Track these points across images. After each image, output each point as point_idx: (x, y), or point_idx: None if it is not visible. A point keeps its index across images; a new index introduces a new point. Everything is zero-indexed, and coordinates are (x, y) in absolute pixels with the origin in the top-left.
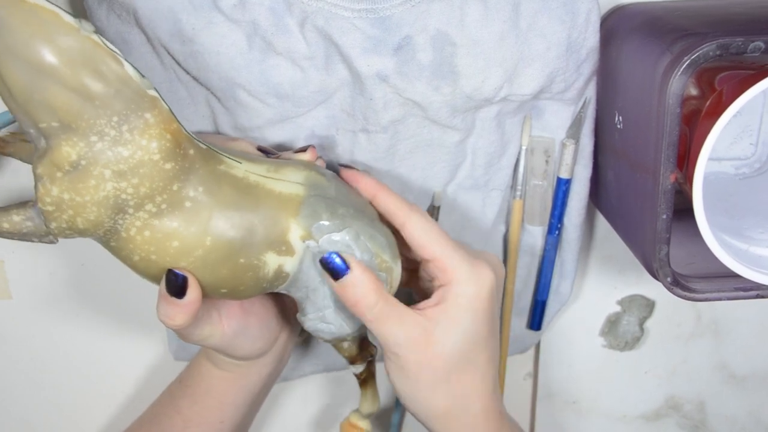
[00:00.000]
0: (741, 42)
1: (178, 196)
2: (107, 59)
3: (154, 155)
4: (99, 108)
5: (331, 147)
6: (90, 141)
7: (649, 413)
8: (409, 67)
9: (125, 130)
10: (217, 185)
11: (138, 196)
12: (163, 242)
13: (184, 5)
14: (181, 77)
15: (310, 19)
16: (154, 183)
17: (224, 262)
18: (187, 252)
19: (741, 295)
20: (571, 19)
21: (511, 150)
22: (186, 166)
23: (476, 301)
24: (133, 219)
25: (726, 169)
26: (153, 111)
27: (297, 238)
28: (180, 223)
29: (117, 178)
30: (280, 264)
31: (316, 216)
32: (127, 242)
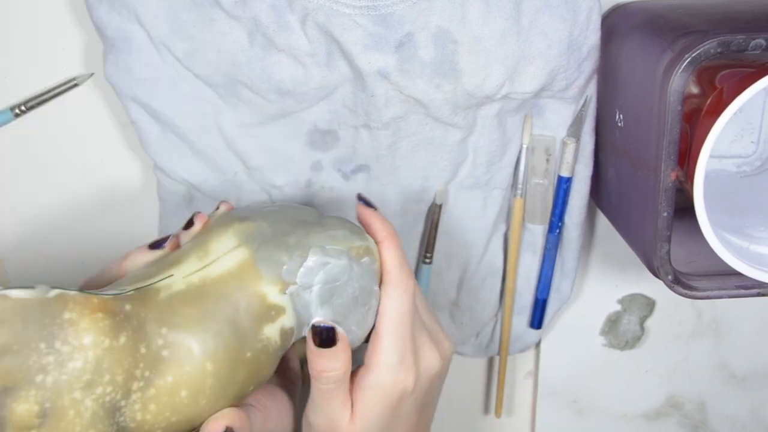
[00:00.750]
0: (742, 40)
1: (152, 355)
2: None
3: (103, 343)
4: (21, 350)
5: (333, 142)
6: (37, 383)
7: (649, 412)
8: (411, 64)
9: (60, 345)
10: (173, 314)
11: (119, 386)
12: (172, 402)
13: (185, 3)
14: (183, 74)
15: (312, 16)
16: (124, 363)
17: (236, 369)
18: (200, 390)
19: (742, 293)
20: (572, 17)
21: (512, 148)
22: (135, 324)
23: (389, 398)
24: (131, 406)
25: (727, 167)
26: (68, 307)
27: (277, 295)
28: (173, 374)
29: (89, 390)
30: (280, 328)
31: (276, 264)
32: (142, 426)
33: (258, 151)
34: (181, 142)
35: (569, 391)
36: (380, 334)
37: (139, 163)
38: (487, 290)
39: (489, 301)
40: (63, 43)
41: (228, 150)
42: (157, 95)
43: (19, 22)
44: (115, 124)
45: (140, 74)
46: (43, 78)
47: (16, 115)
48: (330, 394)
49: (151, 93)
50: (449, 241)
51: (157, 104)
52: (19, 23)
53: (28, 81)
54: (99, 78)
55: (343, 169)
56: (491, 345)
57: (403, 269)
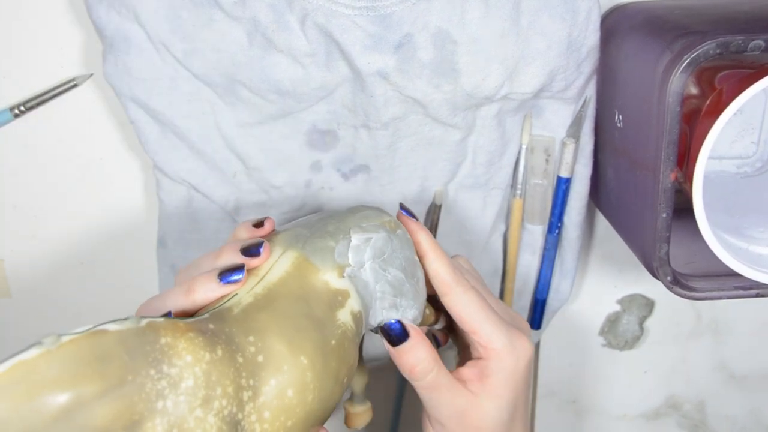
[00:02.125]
0: (741, 40)
1: (250, 363)
2: (92, 342)
3: (204, 357)
4: (135, 380)
5: (332, 142)
6: (159, 409)
7: (648, 412)
8: (410, 64)
9: (167, 369)
10: (252, 323)
11: (232, 397)
12: (282, 404)
13: (184, 2)
14: (182, 74)
15: (311, 17)
16: (229, 374)
17: (328, 358)
18: (303, 386)
19: (741, 294)
20: (571, 18)
21: (511, 149)
22: (224, 338)
23: (516, 374)
24: (248, 418)
25: (727, 168)
26: (160, 333)
27: (337, 280)
28: (275, 377)
29: (207, 406)
30: (350, 311)
31: (327, 251)
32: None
33: (257, 151)
34: (181, 142)
35: (568, 391)
36: (475, 329)
37: (139, 163)
38: None
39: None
40: (62, 43)
41: (227, 150)
42: (157, 95)
43: (19, 22)
44: (114, 124)
45: (139, 74)
46: (42, 78)
47: (16, 116)
48: (433, 386)
49: (150, 93)
50: (449, 241)
51: (156, 104)
52: (19, 23)
53: (28, 81)
54: (98, 78)
55: (342, 169)
56: None
57: (456, 273)
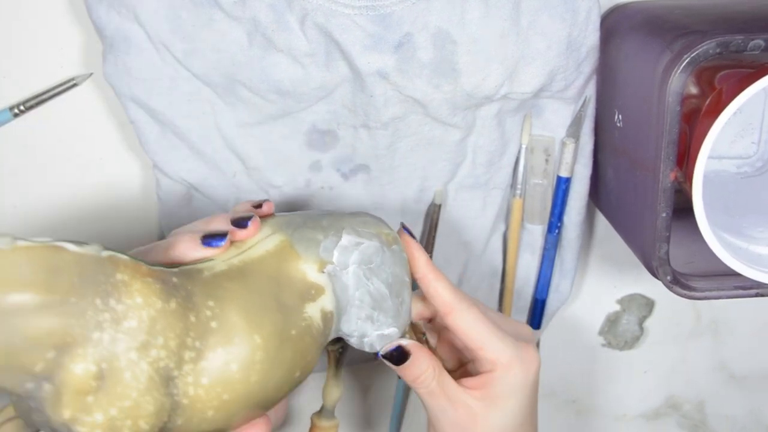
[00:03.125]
0: (741, 40)
1: (202, 325)
2: (47, 254)
3: (156, 304)
4: (78, 303)
5: (332, 142)
6: (94, 339)
7: (648, 412)
8: (410, 64)
9: (114, 304)
10: (218, 289)
11: (173, 352)
12: (223, 376)
13: (184, 2)
14: (182, 74)
15: (311, 16)
16: (176, 329)
17: (283, 345)
18: (250, 365)
19: (741, 293)
20: (571, 18)
21: (511, 149)
22: (183, 294)
23: (524, 387)
24: (183, 378)
25: (727, 168)
26: (118, 268)
27: (316, 274)
28: (223, 346)
29: (144, 352)
30: (321, 309)
31: (313, 243)
32: (195, 403)
33: (257, 151)
34: (181, 142)
35: (568, 391)
36: (481, 345)
37: (139, 163)
38: (486, 290)
39: (488, 301)
40: (62, 42)
41: (227, 150)
42: (156, 95)
43: (18, 22)
44: (114, 123)
45: (139, 74)
46: (42, 78)
47: (15, 115)
48: (437, 393)
49: (150, 93)
50: (448, 241)
51: (156, 104)
52: (18, 23)
53: (27, 81)
54: (98, 78)
55: (342, 169)
56: None
57: (457, 292)
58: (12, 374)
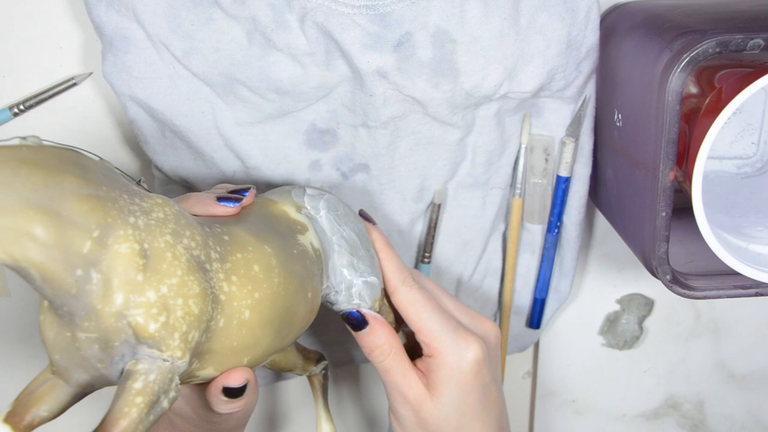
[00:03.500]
0: (740, 39)
1: (216, 236)
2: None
3: (174, 206)
4: (110, 191)
5: (332, 141)
6: (131, 223)
7: (648, 412)
8: (409, 63)
9: (138, 200)
10: (218, 221)
11: (200, 245)
12: (249, 275)
13: (183, 1)
14: (181, 73)
15: (310, 15)
16: (198, 230)
17: (291, 259)
18: (269, 267)
19: (740, 293)
20: (570, 17)
21: (510, 148)
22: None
23: (460, 374)
24: (215, 274)
25: (727, 168)
26: (133, 183)
27: (295, 213)
28: (240, 252)
29: (176, 238)
30: (310, 242)
31: (285, 192)
32: (231, 300)
33: (256, 150)
34: (180, 141)
35: (568, 391)
36: (419, 327)
37: (138, 162)
38: (486, 290)
39: (487, 301)
40: (61, 42)
41: (226, 149)
42: (156, 94)
43: (18, 21)
44: (113, 122)
45: (139, 73)
46: (41, 77)
47: (15, 115)
48: (391, 369)
49: (149, 92)
50: (448, 240)
51: (155, 103)
52: (18, 22)
53: (27, 80)
54: (98, 77)
55: (341, 168)
56: None
57: (403, 272)
58: (63, 257)
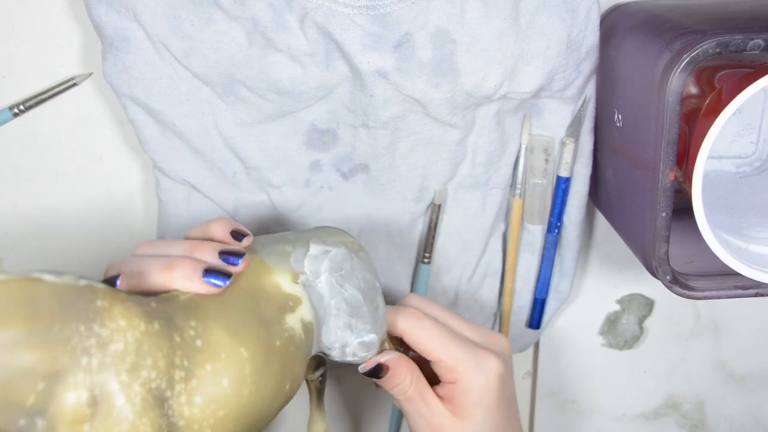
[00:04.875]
0: (740, 39)
1: (187, 345)
2: (24, 286)
3: (139, 326)
4: (63, 330)
5: (332, 141)
6: (83, 365)
7: (648, 412)
8: (409, 64)
9: (98, 329)
10: (197, 309)
11: (162, 372)
12: (216, 393)
13: (183, 2)
14: (181, 73)
15: (310, 16)
16: (163, 349)
17: (270, 357)
18: (240, 379)
19: (740, 293)
20: (570, 17)
21: (511, 148)
22: (164, 316)
23: (488, 393)
24: (177, 398)
25: (726, 168)
26: (97, 295)
27: (290, 285)
28: (211, 363)
29: (134, 373)
30: (300, 318)
31: (282, 255)
32: (191, 424)
33: (256, 151)
34: (180, 141)
35: (568, 391)
36: (439, 358)
37: (138, 163)
38: (486, 290)
39: (488, 301)
40: (61, 42)
41: (226, 149)
42: (156, 94)
43: (18, 21)
44: (113, 123)
45: (139, 73)
46: (41, 77)
47: (15, 115)
48: (413, 398)
49: (149, 92)
50: (448, 240)
51: (155, 103)
52: (18, 22)
53: (27, 80)
54: (98, 77)
55: (341, 169)
56: None
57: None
58: (3, 412)
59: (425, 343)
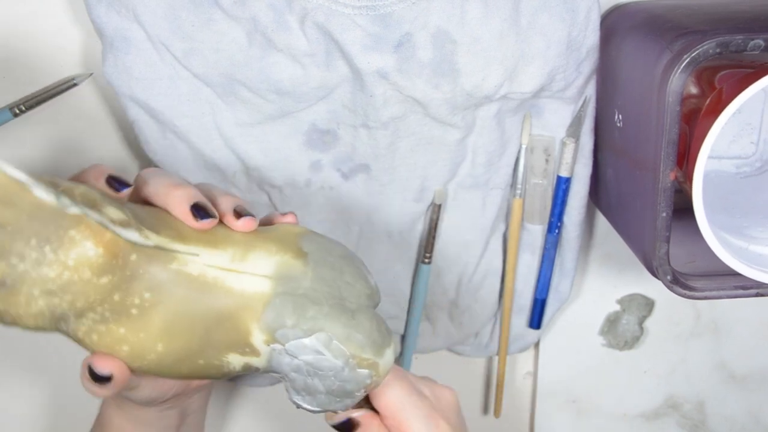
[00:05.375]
0: (741, 40)
1: (121, 305)
2: (11, 187)
3: (84, 273)
4: (13, 233)
5: (332, 142)
6: (11, 263)
7: (648, 412)
8: (410, 64)
9: (48, 251)
10: (166, 288)
11: (75, 309)
12: (112, 346)
13: (183, 2)
14: (181, 74)
15: (311, 16)
16: (91, 297)
17: (182, 364)
18: (139, 356)
19: (741, 293)
20: (571, 17)
21: (511, 148)
22: (127, 274)
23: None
24: (77, 324)
25: (727, 168)
26: (78, 227)
27: (261, 342)
28: (127, 330)
29: (47, 296)
30: (246, 362)
31: (280, 321)
32: (81, 341)
33: (257, 151)
34: (180, 141)
35: (568, 392)
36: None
37: (139, 163)
38: (486, 290)
39: (488, 301)
40: (62, 42)
41: (227, 149)
42: (156, 95)
43: (18, 21)
44: (114, 123)
45: (139, 74)
46: (41, 77)
47: (15, 115)
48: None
49: (149, 92)
50: (448, 241)
51: (155, 104)
52: (18, 22)
53: (27, 80)
54: (98, 77)
55: (342, 169)
56: (490, 345)
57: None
58: None
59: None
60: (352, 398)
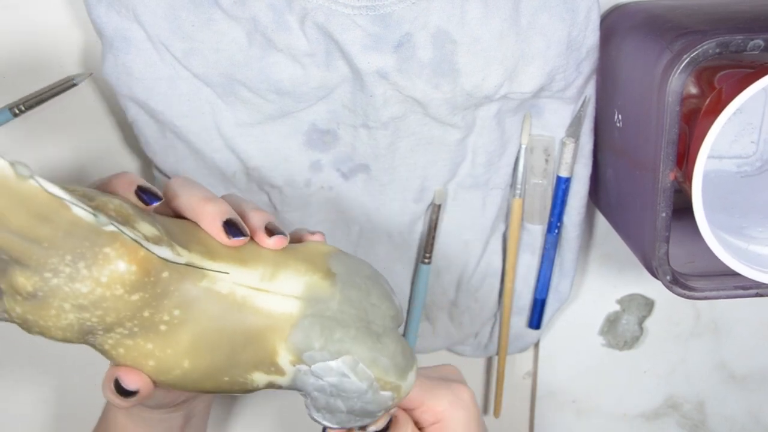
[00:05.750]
0: (741, 40)
1: (150, 321)
2: (50, 204)
3: (116, 290)
4: (48, 249)
5: (332, 142)
6: (44, 277)
7: (648, 412)
8: (410, 64)
9: (82, 267)
10: (196, 306)
11: (105, 323)
12: (138, 360)
13: (183, 2)
14: (181, 74)
15: (311, 16)
16: (121, 313)
17: (206, 380)
18: (165, 371)
19: (741, 293)
20: (571, 17)
21: (511, 148)
22: (158, 291)
23: (472, 421)
24: (105, 338)
25: (727, 168)
26: (113, 245)
27: (287, 362)
28: (155, 345)
29: (78, 310)
30: (270, 381)
31: (307, 342)
32: (107, 352)
33: (256, 151)
34: (180, 141)
35: (568, 392)
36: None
37: (138, 163)
38: (486, 290)
39: (488, 301)
40: (62, 42)
41: (226, 149)
42: (156, 95)
43: (18, 21)
44: (113, 123)
45: (139, 74)
46: (41, 77)
47: (15, 115)
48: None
49: (149, 92)
50: (448, 241)
51: (155, 104)
52: (18, 22)
53: (27, 80)
54: (98, 77)
55: (342, 169)
56: (490, 345)
57: None
58: None
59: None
60: (372, 418)
